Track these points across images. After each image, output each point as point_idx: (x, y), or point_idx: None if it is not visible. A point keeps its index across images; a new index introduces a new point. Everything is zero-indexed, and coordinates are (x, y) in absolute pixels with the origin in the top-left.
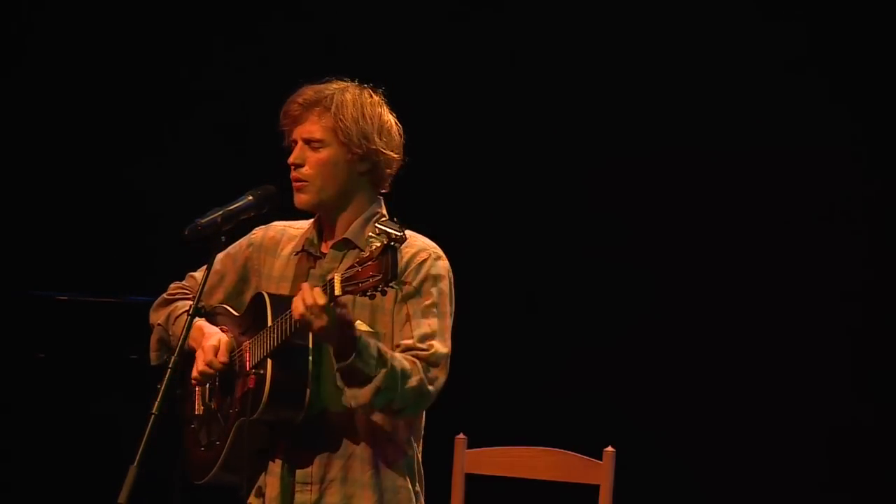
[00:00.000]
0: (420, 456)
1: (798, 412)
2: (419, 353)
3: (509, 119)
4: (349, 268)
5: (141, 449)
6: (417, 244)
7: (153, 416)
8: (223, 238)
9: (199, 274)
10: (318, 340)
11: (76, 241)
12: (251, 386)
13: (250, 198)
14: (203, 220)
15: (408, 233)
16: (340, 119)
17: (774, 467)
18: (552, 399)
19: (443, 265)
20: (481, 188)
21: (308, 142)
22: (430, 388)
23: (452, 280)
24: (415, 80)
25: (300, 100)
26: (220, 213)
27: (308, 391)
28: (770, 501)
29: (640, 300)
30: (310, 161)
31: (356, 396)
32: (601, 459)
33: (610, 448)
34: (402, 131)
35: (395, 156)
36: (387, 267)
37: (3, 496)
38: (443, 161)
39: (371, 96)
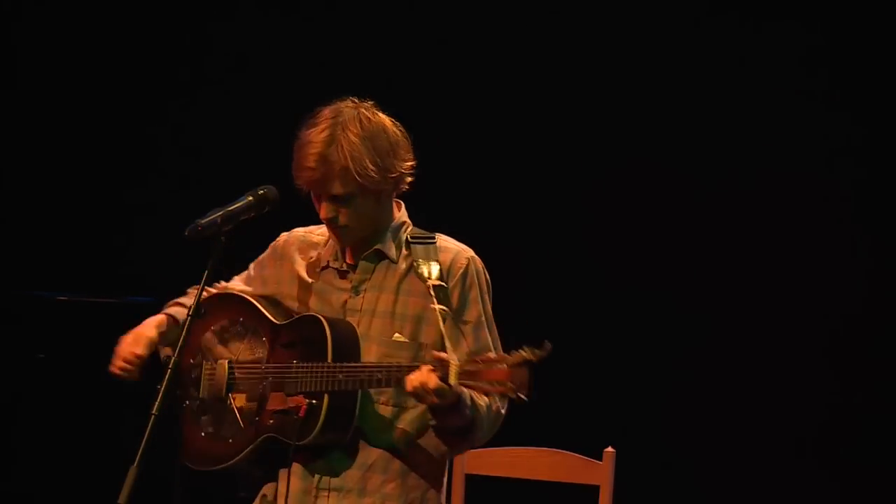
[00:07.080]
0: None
1: (798, 412)
2: None
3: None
4: (472, 361)
5: (141, 449)
6: (451, 247)
7: (153, 416)
8: (223, 238)
9: (234, 284)
10: None
11: (77, 242)
12: (300, 415)
13: (250, 198)
14: (203, 221)
15: (438, 235)
16: (360, 170)
17: (774, 467)
18: (552, 399)
19: (479, 266)
20: (480, 187)
21: (335, 198)
22: (503, 410)
23: (487, 277)
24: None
25: (310, 162)
26: (220, 213)
27: (355, 420)
28: (769, 501)
29: (640, 300)
30: (343, 214)
31: (449, 448)
32: (601, 459)
33: (610, 448)
34: (405, 132)
35: (412, 163)
36: (521, 381)
37: (4, 496)
38: (441, 161)
39: (370, 120)
